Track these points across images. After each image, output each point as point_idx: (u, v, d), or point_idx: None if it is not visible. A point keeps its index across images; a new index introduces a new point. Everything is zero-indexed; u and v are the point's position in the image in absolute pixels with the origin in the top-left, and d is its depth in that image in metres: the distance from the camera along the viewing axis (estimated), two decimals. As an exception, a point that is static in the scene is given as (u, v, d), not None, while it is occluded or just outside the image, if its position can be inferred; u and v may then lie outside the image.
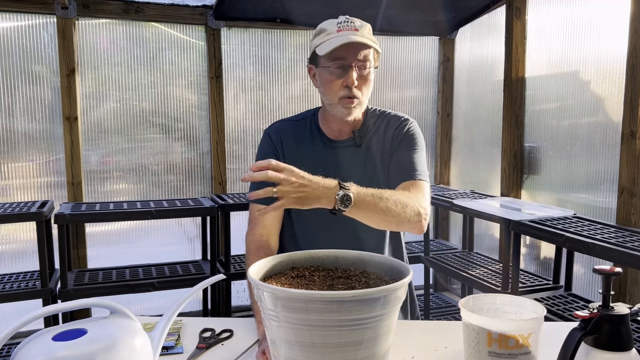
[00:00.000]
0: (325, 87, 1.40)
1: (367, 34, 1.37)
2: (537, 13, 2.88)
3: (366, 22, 1.41)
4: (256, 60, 3.27)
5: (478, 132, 3.45)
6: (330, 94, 1.39)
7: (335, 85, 1.37)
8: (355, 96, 1.36)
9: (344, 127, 1.46)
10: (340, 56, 1.35)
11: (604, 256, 1.90)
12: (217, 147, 3.19)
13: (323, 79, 1.40)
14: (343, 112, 1.38)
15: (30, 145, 2.87)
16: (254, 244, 1.40)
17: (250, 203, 1.48)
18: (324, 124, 1.48)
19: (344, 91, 1.36)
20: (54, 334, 0.80)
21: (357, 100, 1.37)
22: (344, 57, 1.35)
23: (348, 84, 1.35)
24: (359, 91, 1.36)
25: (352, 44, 1.33)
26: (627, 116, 2.22)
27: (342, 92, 1.36)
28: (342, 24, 1.37)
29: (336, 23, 1.38)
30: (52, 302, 2.48)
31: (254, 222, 1.45)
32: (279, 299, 0.85)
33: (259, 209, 1.40)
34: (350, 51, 1.34)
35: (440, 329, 1.30)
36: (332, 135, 1.47)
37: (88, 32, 2.93)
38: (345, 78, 1.35)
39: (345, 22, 1.37)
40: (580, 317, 0.89)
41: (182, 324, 1.32)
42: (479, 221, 3.22)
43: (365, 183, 1.42)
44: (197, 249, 3.16)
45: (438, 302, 3.41)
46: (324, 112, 1.48)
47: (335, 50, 1.34)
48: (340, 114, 1.39)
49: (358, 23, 1.37)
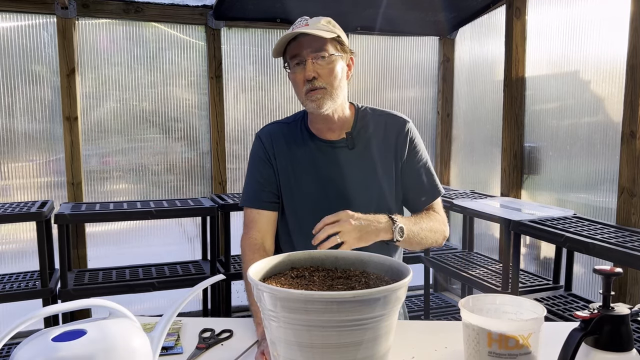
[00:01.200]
0: (294, 87, 1.40)
1: (322, 25, 1.35)
2: (537, 13, 2.88)
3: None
4: (256, 60, 3.27)
5: (478, 132, 3.45)
6: (298, 93, 1.39)
7: (299, 82, 1.37)
8: (317, 87, 1.34)
9: (330, 125, 1.43)
10: (295, 53, 1.35)
11: (604, 256, 1.90)
12: (217, 147, 3.19)
13: (290, 80, 1.40)
14: (312, 106, 1.36)
15: (30, 145, 2.87)
16: (249, 247, 1.40)
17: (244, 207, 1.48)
18: (311, 124, 1.47)
19: (306, 85, 1.35)
20: (54, 334, 0.80)
21: (321, 90, 1.34)
22: (298, 53, 1.35)
23: (306, 76, 1.34)
24: (322, 82, 1.34)
25: (302, 38, 1.33)
26: (627, 116, 2.22)
27: (305, 87, 1.35)
28: (295, 25, 1.38)
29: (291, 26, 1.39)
30: (52, 302, 2.48)
31: (249, 225, 1.45)
32: (278, 300, 0.85)
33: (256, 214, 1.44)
34: (302, 45, 1.34)
35: (440, 329, 1.29)
36: (322, 135, 1.45)
37: (88, 32, 2.93)
38: (304, 72, 1.34)
39: (298, 22, 1.38)
40: (581, 317, 0.89)
41: (181, 324, 1.32)
42: (479, 221, 3.21)
43: (361, 186, 1.42)
44: (197, 249, 3.16)
45: (438, 302, 3.41)
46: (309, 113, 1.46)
47: (289, 48, 1.36)
48: (311, 109, 1.38)
49: (313, 19, 1.37)
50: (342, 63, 1.38)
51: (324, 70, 1.34)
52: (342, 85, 1.39)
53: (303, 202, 1.43)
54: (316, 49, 1.33)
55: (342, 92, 1.40)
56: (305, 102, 1.37)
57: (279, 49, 1.38)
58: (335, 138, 1.45)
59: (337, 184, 1.42)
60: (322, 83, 1.34)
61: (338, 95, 1.38)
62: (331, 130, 1.44)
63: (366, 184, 1.43)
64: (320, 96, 1.35)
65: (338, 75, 1.36)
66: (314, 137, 1.46)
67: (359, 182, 1.42)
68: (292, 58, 1.36)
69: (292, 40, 1.36)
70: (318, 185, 1.43)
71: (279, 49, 1.38)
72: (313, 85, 1.34)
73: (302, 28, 1.33)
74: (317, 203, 1.42)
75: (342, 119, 1.44)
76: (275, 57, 1.40)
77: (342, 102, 1.41)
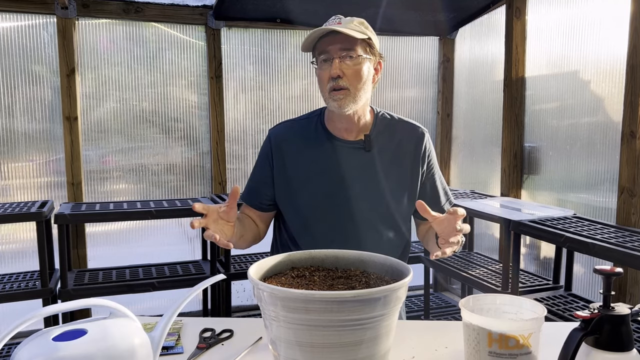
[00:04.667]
0: (319, 83, 1.40)
1: (355, 26, 1.35)
2: (537, 13, 2.88)
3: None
4: (256, 60, 3.27)
5: (478, 132, 3.45)
6: (322, 89, 1.39)
7: (324, 79, 1.37)
8: (341, 87, 1.34)
9: (349, 126, 1.43)
10: (324, 50, 1.36)
11: (604, 256, 1.90)
12: (217, 147, 3.19)
13: (317, 75, 1.40)
14: (334, 105, 1.36)
15: (30, 145, 2.87)
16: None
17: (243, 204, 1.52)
18: (329, 123, 1.47)
19: (330, 83, 1.35)
20: (54, 334, 0.80)
21: (344, 91, 1.34)
22: (326, 50, 1.35)
23: (331, 75, 1.34)
24: (346, 82, 1.34)
25: (334, 36, 1.33)
26: (627, 116, 2.22)
27: (329, 85, 1.35)
28: (328, 22, 1.38)
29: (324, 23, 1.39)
30: (52, 302, 2.48)
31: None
32: (279, 299, 0.85)
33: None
34: (332, 43, 1.34)
35: (440, 329, 1.29)
36: (339, 135, 1.45)
37: (88, 32, 2.93)
38: (330, 70, 1.34)
39: (332, 20, 1.38)
40: (581, 317, 0.89)
41: (182, 324, 1.32)
42: (479, 221, 3.21)
43: (372, 189, 1.42)
44: (197, 249, 3.16)
45: (438, 302, 3.41)
46: (328, 111, 1.47)
47: (319, 44, 1.36)
48: (333, 107, 1.38)
49: (346, 19, 1.37)
50: (370, 65, 1.38)
51: (350, 71, 1.34)
52: (366, 88, 1.39)
53: (312, 200, 1.43)
54: (345, 48, 1.34)
55: (366, 94, 1.39)
56: (328, 101, 1.38)
57: (308, 44, 1.38)
58: (352, 139, 1.45)
59: (349, 184, 1.42)
60: (346, 83, 1.34)
61: (361, 97, 1.38)
62: (349, 130, 1.44)
63: (376, 188, 1.42)
64: (343, 96, 1.35)
65: (363, 77, 1.36)
66: (331, 136, 1.45)
67: (370, 184, 1.43)
68: (320, 54, 1.36)
69: (323, 37, 1.36)
70: (330, 183, 1.43)
71: (308, 44, 1.38)
72: (337, 84, 1.34)
73: (334, 26, 1.33)
74: (326, 202, 1.42)
75: (362, 122, 1.44)
76: (304, 51, 1.40)
77: (364, 104, 1.42)
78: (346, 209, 1.41)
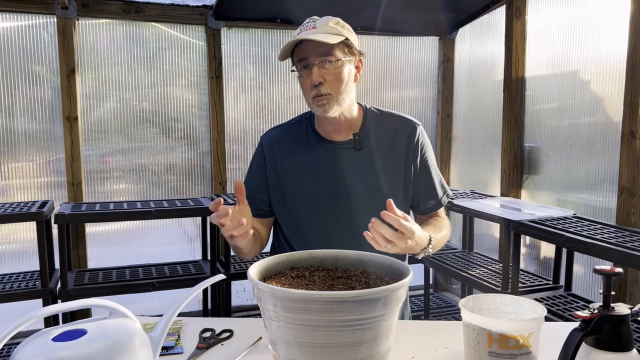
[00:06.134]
0: (302, 90, 1.40)
1: (330, 28, 1.34)
2: (537, 13, 2.88)
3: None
4: (256, 60, 3.27)
5: (478, 132, 3.45)
6: (305, 96, 1.39)
7: (306, 87, 1.37)
8: (322, 93, 1.34)
9: (338, 127, 1.43)
10: (302, 57, 1.35)
11: (604, 256, 1.90)
12: (217, 147, 3.19)
13: (299, 83, 1.40)
14: (319, 111, 1.36)
15: (30, 145, 2.87)
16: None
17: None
18: (318, 125, 1.47)
19: (313, 91, 1.35)
20: (54, 334, 0.80)
21: (327, 96, 1.34)
22: (305, 57, 1.35)
23: (312, 82, 1.33)
24: (328, 88, 1.34)
25: (309, 42, 1.33)
26: (627, 116, 2.22)
27: (312, 92, 1.35)
28: (303, 26, 1.37)
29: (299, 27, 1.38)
30: (52, 302, 2.48)
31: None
32: (278, 299, 0.85)
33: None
34: (310, 49, 1.33)
35: (440, 329, 1.29)
36: (329, 136, 1.45)
37: (88, 32, 2.93)
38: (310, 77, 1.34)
39: (307, 23, 1.37)
40: (581, 317, 0.89)
41: (182, 324, 1.32)
42: (479, 221, 3.21)
43: (365, 188, 1.42)
44: (197, 249, 3.16)
45: (438, 302, 3.41)
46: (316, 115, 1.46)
47: (297, 51, 1.36)
48: (318, 113, 1.38)
49: (322, 20, 1.36)
50: (350, 66, 1.38)
51: (331, 76, 1.34)
52: (349, 89, 1.38)
53: (305, 203, 1.43)
54: (323, 54, 1.33)
55: (349, 95, 1.39)
56: (312, 106, 1.38)
57: (284, 54, 1.38)
58: (342, 139, 1.45)
59: (342, 185, 1.41)
60: (328, 89, 1.34)
61: (344, 99, 1.38)
62: (338, 131, 1.44)
63: (371, 186, 1.42)
64: (326, 102, 1.35)
65: (344, 80, 1.36)
66: (320, 138, 1.45)
67: (364, 183, 1.42)
68: (300, 61, 1.36)
69: (300, 44, 1.35)
70: (322, 186, 1.42)
71: (284, 53, 1.37)
72: (319, 92, 1.34)
73: (309, 31, 1.32)
74: (319, 204, 1.42)
75: (350, 120, 1.44)
76: (281, 60, 1.40)
77: (349, 104, 1.41)
78: (341, 210, 1.41)
